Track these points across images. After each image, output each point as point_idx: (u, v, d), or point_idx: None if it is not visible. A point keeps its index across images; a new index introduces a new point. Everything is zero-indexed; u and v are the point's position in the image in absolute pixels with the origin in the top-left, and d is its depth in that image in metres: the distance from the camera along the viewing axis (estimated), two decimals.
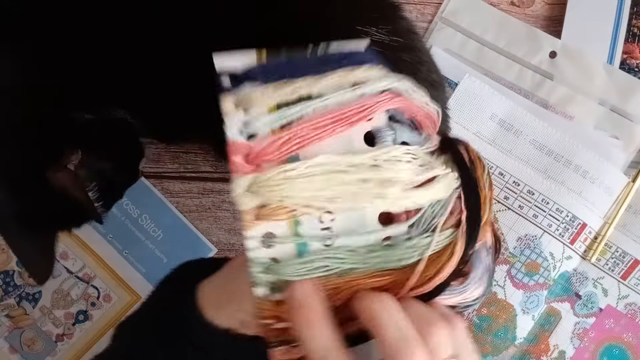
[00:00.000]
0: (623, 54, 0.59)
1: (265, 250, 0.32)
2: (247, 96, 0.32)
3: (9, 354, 0.63)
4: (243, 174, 0.31)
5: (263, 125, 0.31)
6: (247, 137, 0.31)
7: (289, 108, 0.31)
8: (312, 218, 0.32)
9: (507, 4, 0.60)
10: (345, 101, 0.32)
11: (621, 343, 0.60)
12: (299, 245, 0.32)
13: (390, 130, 0.33)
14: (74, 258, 0.63)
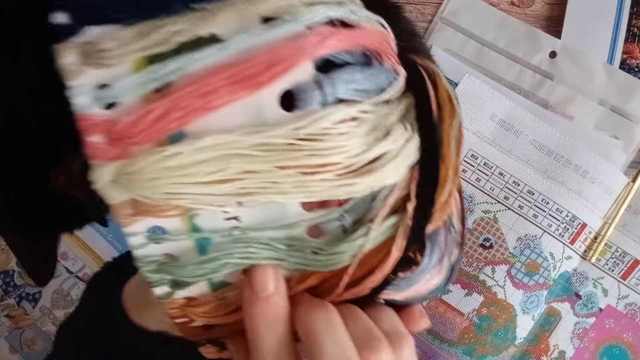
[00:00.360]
0: (623, 54, 0.59)
1: (155, 246, 0.25)
2: (99, 45, 0.22)
3: (9, 354, 0.63)
4: (105, 160, 0.23)
5: (128, 89, 0.22)
6: (104, 106, 0.22)
7: (165, 63, 0.22)
8: (211, 210, 0.25)
9: (507, 4, 0.60)
10: (249, 49, 0.22)
11: (621, 343, 0.60)
12: (198, 240, 0.25)
13: (316, 89, 0.23)
14: (74, 258, 0.63)
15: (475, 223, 0.59)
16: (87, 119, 0.22)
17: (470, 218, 0.59)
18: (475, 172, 0.59)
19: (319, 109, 0.23)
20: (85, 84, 0.22)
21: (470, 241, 0.59)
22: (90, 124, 0.22)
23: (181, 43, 0.22)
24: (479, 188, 0.59)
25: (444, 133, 0.26)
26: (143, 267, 0.25)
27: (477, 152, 0.59)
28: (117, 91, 0.22)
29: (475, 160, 0.59)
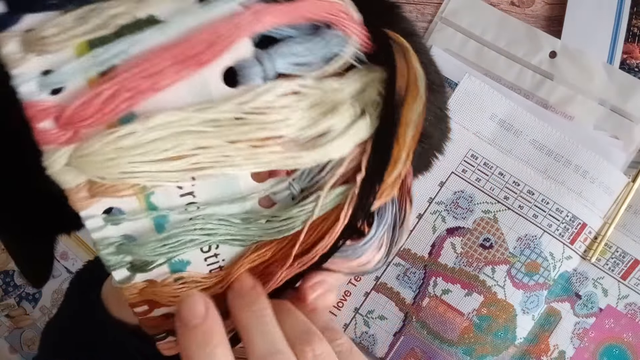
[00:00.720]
0: (623, 54, 0.59)
1: (113, 227, 0.25)
2: (40, 33, 0.22)
3: (9, 354, 0.63)
4: (57, 145, 0.23)
5: (73, 74, 0.22)
6: (51, 92, 0.23)
7: (107, 47, 0.22)
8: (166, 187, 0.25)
9: (507, 4, 0.60)
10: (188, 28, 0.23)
11: (621, 343, 0.60)
12: (156, 219, 0.26)
13: (257, 65, 0.24)
14: (74, 258, 0.63)
15: (475, 223, 0.59)
16: (35, 105, 0.22)
17: (470, 218, 0.59)
18: (475, 172, 0.59)
19: (261, 84, 0.24)
20: (29, 71, 0.22)
21: (471, 241, 0.59)
22: (38, 111, 0.22)
23: (121, 26, 0.22)
24: (478, 188, 0.59)
25: (403, 115, 0.27)
26: (102, 249, 0.25)
27: (477, 152, 0.59)
28: (62, 76, 0.22)
29: (475, 160, 0.59)
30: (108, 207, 0.25)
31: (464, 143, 0.59)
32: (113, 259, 0.26)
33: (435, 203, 0.59)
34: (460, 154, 0.59)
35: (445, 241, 0.59)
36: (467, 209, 0.59)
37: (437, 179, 0.59)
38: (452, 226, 0.59)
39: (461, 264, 0.59)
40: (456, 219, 0.59)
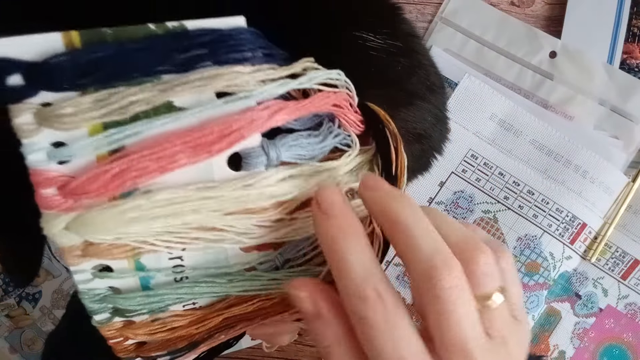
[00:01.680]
0: (623, 54, 0.59)
1: (100, 281, 0.26)
2: (55, 110, 0.23)
3: (9, 354, 0.63)
4: (58, 211, 0.24)
5: (84, 150, 0.23)
6: (58, 162, 0.23)
7: (121, 129, 0.23)
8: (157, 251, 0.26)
9: (507, 4, 0.60)
10: (204, 119, 0.24)
11: (621, 343, 0.60)
12: (142, 278, 0.27)
13: (263, 155, 0.26)
14: None
15: (475, 223, 0.59)
16: (41, 173, 0.23)
17: (470, 218, 0.59)
18: (475, 172, 0.59)
19: (263, 171, 0.26)
20: (39, 142, 0.23)
21: None
22: (43, 178, 0.23)
23: (137, 113, 0.23)
24: (478, 188, 0.59)
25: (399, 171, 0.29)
26: (86, 299, 0.26)
27: (477, 152, 0.59)
28: (72, 151, 0.23)
29: (475, 160, 0.59)
30: (98, 264, 0.26)
31: (464, 143, 0.59)
32: (96, 306, 0.26)
33: (435, 203, 0.59)
34: (460, 154, 0.59)
35: None
36: (467, 209, 0.59)
37: (437, 179, 0.59)
38: None
39: None
40: (456, 219, 0.59)
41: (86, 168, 0.23)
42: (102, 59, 0.23)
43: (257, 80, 0.25)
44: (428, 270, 0.23)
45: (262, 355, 0.61)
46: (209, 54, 0.24)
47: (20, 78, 0.22)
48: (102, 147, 0.23)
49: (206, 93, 0.24)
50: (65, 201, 0.24)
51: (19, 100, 0.22)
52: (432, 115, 0.49)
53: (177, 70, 0.24)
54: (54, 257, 0.62)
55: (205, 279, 0.27)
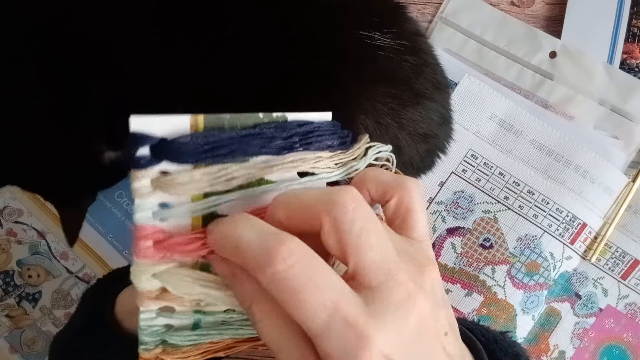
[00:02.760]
0: (623, 54, 0.59)
1: (161, 319, 0.29)
2: (169, 181, 0.26)
3: (9, 354, 0.63)
4: (151, 262, 0.27)
5: (183, 212, 0.27)
6: (159, 220, 0.27)
7: (218, 198, 0.27)
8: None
9: (507, 4, 0.60)
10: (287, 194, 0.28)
11: (621, 343, 0.60)
12: (196, 319, 0.30)
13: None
14: (74, 258, 0.63)
15: (475, 223, 0.59)
16: (145, 229, 0.26)
17: (471, 218, 0.59)
18: (475, 172, 0.59)
19: None
20: (150, 203, 0.26)
21: (471, 241, 0.59)
22: (146, 233, 0.26)
23: (239, 185, 0.28)
24: (479, 188, 0.59)
25: None
26: (144, 334, 0.29)
27: (477, 152, 0.59)
28: (175, 213, 0.27)
29: (475, 160, 0.59)
30: (165, 305, 0.29)
31: (464, 143, 0.59)
32: (148, 339, 0.29)
33: (435, 203, 0.59)
34: (460, 154, 0.59)
35: (445, 241, 0.59)
36: (467, 209, 0.59)
37: (437, 179, 0.59)
38: (452, 226, 0.59)
39: (461, 263, 0.59)
40: (456, 219, 0.59)
41: (181, 227, 0.27)
42: (218, 142, 0.27)
43: (333, 163, 0.31)
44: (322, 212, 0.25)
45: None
46: (300, 140, 0.29)
47: (148, 150, 0.26)
48: (198, 211, 0.27)
49: (291, 172, 0.29)
50: (157, 253, 0.27)
51: (141, 168, 0.26)
52: (438, 114, 0.49)
53: (274, 153, 0.28)
54: (54, 257, 0.63)
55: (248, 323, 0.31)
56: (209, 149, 0.27)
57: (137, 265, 0.27)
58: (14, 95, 0.42)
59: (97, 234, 0.62)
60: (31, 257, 0.62)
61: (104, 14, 0.41)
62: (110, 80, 0.41)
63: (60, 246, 0.62)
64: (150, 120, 0.25)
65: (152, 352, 0.30)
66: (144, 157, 0.26)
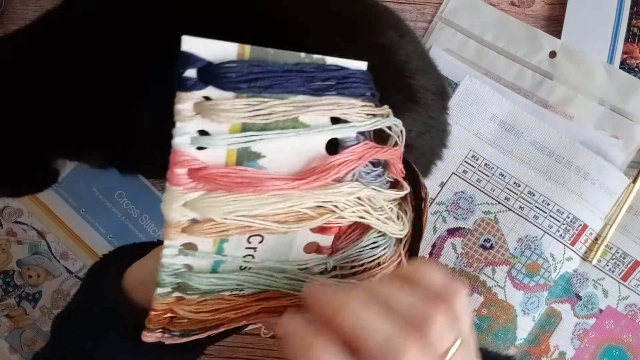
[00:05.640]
0: (623, 53, 0.59)
1: (181, 257, 0.30)
2: (212, 107, 0.27)
3: (9, 354, 0.63)
4: (184, 189, 0.27)
5: (220, 143, 0.27)
6: (197, 148, 0.27)
7: (254, 134, 0.28)
8: (241, 238, 0.30)
9: (507, 4, 0.60)
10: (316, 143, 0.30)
11: (621, 344, 0.60)
12: (216, 262, 0.31)
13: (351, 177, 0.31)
14: (74, 258, 0.63)
15: (475, 224, 0.59)
16: (182, 154, 0.27)
17: (471, 219, 0.59)
18: (475, 172, 0.59)
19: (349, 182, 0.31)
20: (190, 128, 0.27)
21: (471, 242, 0.59)
22: (182, 160, 0.27)
23: (275, 122, 0.28)
24: (479, 189, 0.59)
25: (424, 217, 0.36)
26: (164, 272, 0.30)
27: (477, 153, 0.59)
28: (212, 142, 0.27)
29: (476, 161, 0.59)
30: (189, 242, 0.29)
31: (464, 144, 0.59)
32: (168, 279, 0.30)
33: (436, 204, 0.59)
34: (460, 155, 0.59)
35: (445, 242, 0.59)
36: (467, 209, 0.59)
37: (437, 179, 0.59)
38: (452, 227, 0.59)
39: (461, 264, 0.59)
40: (457, 219, 0.59)
41: (215, 159, 0.27)
42: (261, 74, 0.27)
43: (364, 113, 0.31)
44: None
45: (261, 355, 0.61)
46: (336, 85, 0.30)
47: (195, 73, 0.26)
48: (234, 144, 0.27)
49: (325, 117, 0.30)
50: (191, 182, 0.27)
51: (187, 90, 0.26)
52: (423, 124, 0.49)
53: (311, 94, 0.29)
54: (54, 257, 0.63)
55: (265, 272, 0.31)
56: (252, 78, 0.27)
57: (170, 192, 0.27)
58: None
59: (97, 234, 0.62)
60: (31, 257, 0.62)
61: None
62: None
63: (60, 246, 0.62)
64: (201, 42, 0.26)
65: (167, 300, 0.31)
66: (191, 79, 0.26)
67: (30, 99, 0.47)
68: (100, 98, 0.46)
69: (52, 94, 0.47)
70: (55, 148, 0.49)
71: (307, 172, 0.29)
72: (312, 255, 0.33)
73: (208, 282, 0.30)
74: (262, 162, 0.29)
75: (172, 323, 0.33)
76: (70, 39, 0.46)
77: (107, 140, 0.48)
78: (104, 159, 0.50)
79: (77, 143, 0.48)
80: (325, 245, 0.33)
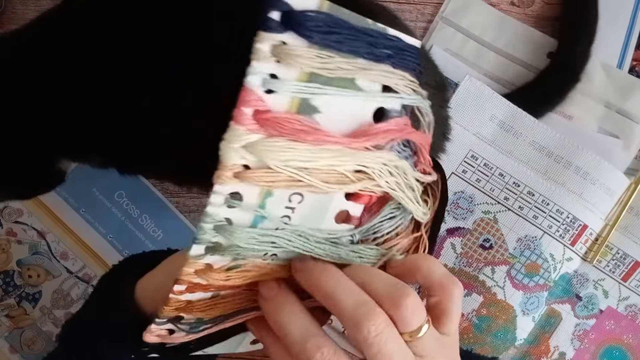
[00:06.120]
0: (633, 60, 0.59)
1: (225, 209, 0.30)
2: (288, 51, 0.28)
3: (9, 354, 0.63)
4: (247, 130, 0.28)
5: (287, 90, 0.29)
6: (265, 91, 0.29)
7: (317, 86, 0.29)
8: (284, 195, 0.31)
9: (507, 4, 0.60)
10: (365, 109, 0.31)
11: (621, 344, 0.60)
12: (256, 217, 0.31)
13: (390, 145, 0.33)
14: (74, 258, 0.63)
15: (475, 224, 0.59)
16: (251, 94, 0.28)
17: (470, 219, 0.59)
18: (475, 172, 0.59)
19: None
20: (263, 68, 0.28)
21: (470, 242, 0.59)
22: (250, 99, 0.28)
23: (338, 78, 0.30)
24: (479, 189, 0.59)
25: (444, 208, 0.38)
26: (206, 222, 0.30)
27: (477, 153, 0.59)
28: (281, 86, 0.28)
29: (475, 161, 0.59)
30: (235, 191, 0.30)
31: (464, 144, 0.59)
32: (207, 234, 0.30)
33: None
34: (460, 155, 0.59)
35: (445, 241, 0.59)
36: (467, 209, 0.59)
37: None
38: (452, 226, 0.59)
39: (461, 264, 0.59)
40: (456, 219, 0.59)
41: (279, 106, 0.29)
42: (335, 28, 0.29)
43: (410, 89, 0.32)
44: (356, 324, 0.29)
45: (261, 355, 0.61)
46: (393, 55, 0.31)
47: (279, 15, 0.28)
48: (298, 93, 0.29)
49: (377, 85, 0.31)
50: (254, 123, 0.28)
51: (268, 31, 0.28)
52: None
53: (371, 59, 0.30)
54: (54, 257, 0.63)
55: (299, 235, 0.32)
56: (327, 31, 0.29)
57: (233, 131, 0.28)
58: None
59: (97, 234, 0.63)
60: (31, 257, 0.63)
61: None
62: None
63: (60, 246, 0.62)
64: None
65: (196, 264, 0.31)
66: (274, 21, 0.28)
67: (31, 99, 0.47)
68: (100, 97, 0.46)
69: (51, 94, 0.47)
70: (57, 148, 0.50)
71: (359, 132, 0.31)
72: (342, 226, 0.34)
73: (248, 237, 0.31)
74: (317, 118, 0.30)
75: (187, 308, 0.33)
76: (70, 38, 0.46)
77: (106, 140, 0.48)
78: (103, 159, 0.50)
79: (76, 144, 0.49)
80: (354, 215, 0.34)
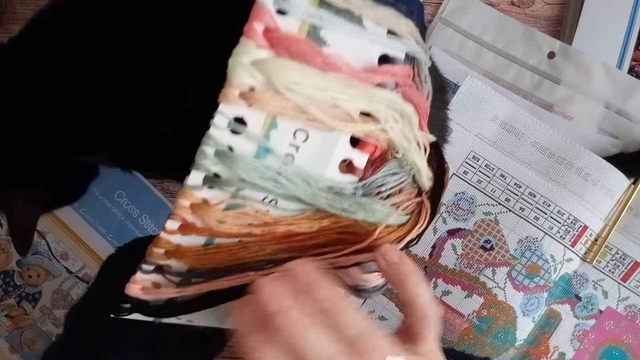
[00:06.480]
0: (632, 61, 0.59)
1: (228, 135, 0.29)
2: None
3: (9, 354, 0.63)
4: (257, 45, 0.28)
5: (297, 12, 0.29)
6: (277, 10, 0.29)
7: (325, 15, 0.29)
8: (289, 128, 0.30)
9: (507, 4, 0.60)
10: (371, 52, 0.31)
11: (621, 345, 0.60)
12: (260, 148, 0.30)
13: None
14: (74, 258, 0.63)
15: (476, 225, 0.59)
16: (262, 10, 0.28)
17: (471, 219, 0.59)
18: (476, 173, 0.59)
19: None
20: None
21: (471, 243, 0.59)
22: (262, 15, 0.28)
23: (346, 9, 0.30)
24: (480, 190, 0.59)
25: (446, 177, 0.39)
26: (206, 146, 0.29)
27: (478, 153, 0.59)
28: (292, 7, 0.29)
29: (477, 162, 0.59)
30: (240, 115, 0.29)
31: (465, 144, 0.59)
32: (207, 160, 0.29)
33: None
34: (461, 156, 0.59)
35: (445, 242, 0.59)
36: (468, 210, 0.59)
37: None
38: (453, 228, 0.59)
39: (462, 265, 0.59)
40: (457, 220, 0.59)
41: (288, 28, 0.29)
42: None
43: (414, 39, 0.33)
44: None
45: None
46: (401, 2, 0.32)
47: None
48: (308, 18, 0.29)
49: (383, 29, 0.32)
50: (263, 39, 0.28)
51: None
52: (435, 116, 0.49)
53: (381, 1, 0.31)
54: (54, 257, 0.63)
55: (302, 178, 0.32)
56: None
57: (243, 45, 0.28)
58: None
59: (97, 234, 0.62)
60: (31, 257, 0.62)
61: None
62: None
63: (60, 246, 0.62)
64: None
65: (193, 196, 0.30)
66: None
67: (31, 99, 0.47)
68: (100, 98, 0.46)
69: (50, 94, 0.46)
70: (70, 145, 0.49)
71: (367, 69, 0.31)
72: (346, 177, 0.33)
73: (251, 168, 0.30)
74: (325, 50, 0.30)
75: (177, 253, 0.33)
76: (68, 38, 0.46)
77: (109, 137, 0.48)
78: (110, 158, 0.50)
79: (82, 141, 0.48)
80: (358, 166, 0.33)
